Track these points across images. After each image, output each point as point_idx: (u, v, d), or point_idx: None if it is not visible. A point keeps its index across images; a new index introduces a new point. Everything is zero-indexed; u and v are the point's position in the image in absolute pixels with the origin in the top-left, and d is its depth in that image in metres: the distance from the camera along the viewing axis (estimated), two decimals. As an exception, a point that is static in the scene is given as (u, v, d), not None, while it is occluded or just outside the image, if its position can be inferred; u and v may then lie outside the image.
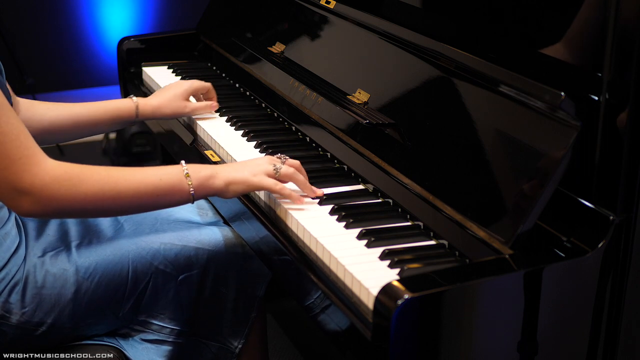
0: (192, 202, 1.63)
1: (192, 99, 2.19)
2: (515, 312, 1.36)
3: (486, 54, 1.62)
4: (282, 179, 1.67)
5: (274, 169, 1.65)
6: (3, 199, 1.53)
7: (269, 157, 1.71)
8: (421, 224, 1.59)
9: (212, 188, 1.63)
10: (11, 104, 1.68)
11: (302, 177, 1.68)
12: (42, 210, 1.52)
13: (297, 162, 1.70)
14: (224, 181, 1.64)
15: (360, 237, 1.55)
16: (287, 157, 1.71)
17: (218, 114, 2.21)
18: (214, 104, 2.17)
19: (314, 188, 1.70)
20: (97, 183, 1.54)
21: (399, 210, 1.66)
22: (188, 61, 2.70)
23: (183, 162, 1.63)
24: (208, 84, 2.20)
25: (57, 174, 1.51)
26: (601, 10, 1.39)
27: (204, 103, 2.16)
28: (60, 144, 3.98)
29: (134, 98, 2.07)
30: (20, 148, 1.49)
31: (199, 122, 2.15)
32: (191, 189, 1.61)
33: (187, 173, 1.60)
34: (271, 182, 1.64)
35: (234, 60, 2.46)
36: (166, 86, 2.17)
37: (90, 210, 1.57)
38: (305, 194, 1.68)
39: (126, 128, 3.80)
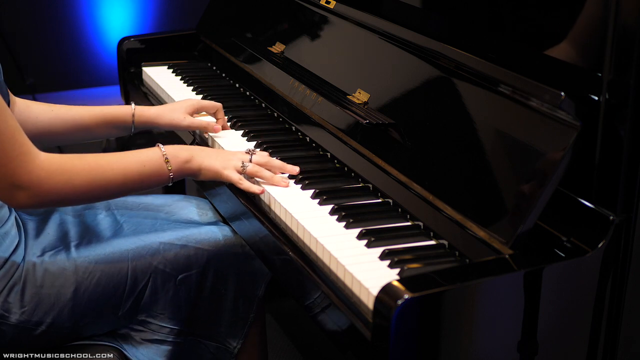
0: (170, 184, 1.74)
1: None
2: (515, 312, 1.36)
3: (486, 54, 1.62)
4: (249, 175, 1.77)
5: (242, 167, 1.76)
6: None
7: (240, 153, 1.80)
8: (421, 224, 1.59)
9: (188, 170, 1.75)
10: (8, 103, 1.69)
11: (267, 173, 1.77)
12: (38, 203, 1.60)
13: (264, 159, 1.80)
14: (198, 165, 1.75)
15: (360, 237, 1.55)
16: (255, 152, 1.81)
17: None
18: (217, 127, 2.05)
19: (277, 179, 1.77)
20: (89, 174, 1.62)
21: (399, 210, 1.66)
22: (188, 61, 2.70)
23: (160, 145, 1.74)
24: (217, 104, 2.09)
25: (51, 168, 1.57)
26: (601, 10, 1.39)
27: (205, 120, 2.05)
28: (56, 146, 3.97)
29: (133, 105, 2.04)
30: (16, 146, 1.53)
31: (199, 122, 2.15)
32: (170, 174, 1.72)
33: (167, 159, 1.72)
34: (236, 178, 1.75)
35: (234, 60, 2.46)
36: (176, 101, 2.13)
37: (82, 199, 1.66)
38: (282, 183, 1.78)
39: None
